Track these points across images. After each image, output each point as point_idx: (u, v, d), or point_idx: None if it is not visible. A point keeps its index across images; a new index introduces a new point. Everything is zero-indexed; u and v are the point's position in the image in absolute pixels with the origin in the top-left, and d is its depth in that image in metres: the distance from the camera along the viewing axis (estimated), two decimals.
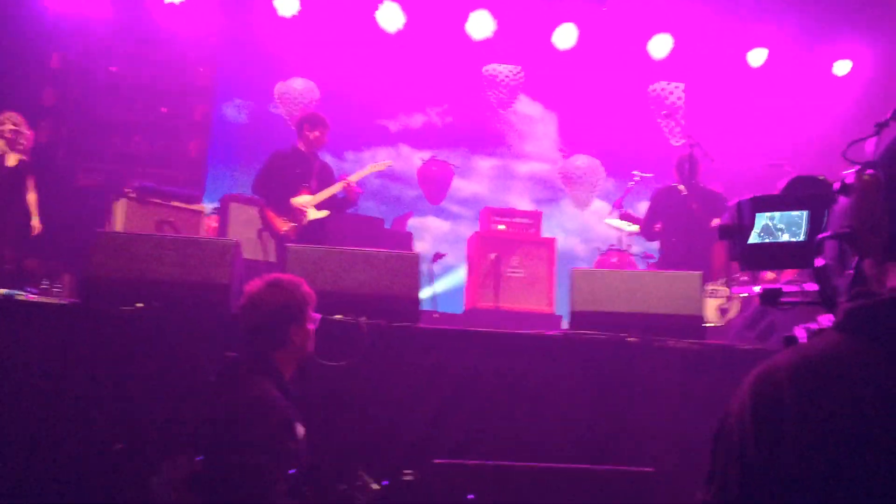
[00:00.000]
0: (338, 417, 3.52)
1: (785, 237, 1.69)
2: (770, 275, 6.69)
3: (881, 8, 9.13)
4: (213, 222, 7.43)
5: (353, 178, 6.67)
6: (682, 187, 6.78)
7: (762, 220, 1.69)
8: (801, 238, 1.67)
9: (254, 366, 2.85)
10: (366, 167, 7.01)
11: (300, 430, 2.79)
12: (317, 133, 6.59)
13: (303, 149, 6.60)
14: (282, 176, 6.46)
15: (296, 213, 6.39)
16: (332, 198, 6.49)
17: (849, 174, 1.20)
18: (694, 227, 6.68)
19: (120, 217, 6.15)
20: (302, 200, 6.43)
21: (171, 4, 8.57)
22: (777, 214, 1.69)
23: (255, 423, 2.62)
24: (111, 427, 3.37)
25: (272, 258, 6.57)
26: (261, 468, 2.54)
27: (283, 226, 6.31)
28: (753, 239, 1.68)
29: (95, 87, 8.72)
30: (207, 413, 2.75)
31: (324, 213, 6.40)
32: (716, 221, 6.30)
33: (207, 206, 7.34)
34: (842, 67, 9.33)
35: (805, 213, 1.67)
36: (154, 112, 8.88)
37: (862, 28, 8.97)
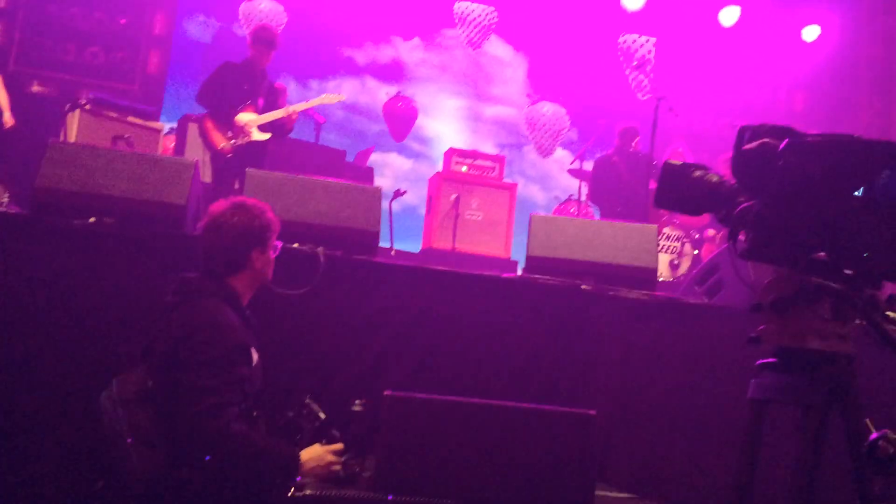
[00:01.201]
0: (290, 345, 3.53)
1: None
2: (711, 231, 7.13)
3: None
4: (170, 143, 7.26)
5: (298, 107, 6.40)
6: (616, 157, 7.34)
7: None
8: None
9: (211, 288, 2.83)
10: (315, 98, 6.70)
11: (255, 355, 2.79)
12: (261, 49, 6.32)
13: (254, 63, 6.33)
14: (229, 89, 6.16)
15: (237, 130, 6.12)
16: (274, 121, 6.23)
17: None
18: (625, 192, 7.38)
19: (73, 129, 5.95)
20: (246, 118, 6.14)
21: None
22: None
23: (211, 345, 2.61)
24: (61, 342, 3.32)
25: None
26: (213, 390, 2.54)
27: (221, 141, 6.04)
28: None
29: None
30: (161, 332, 2.73)
31: (265, 136, 6.15)
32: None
33: (165, 125, 7.14)
34: (810, 33, 9.40)
35: None
36: (113, 22, 8.53)
37: None
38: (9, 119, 6.57)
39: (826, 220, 1.85)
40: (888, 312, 1.89)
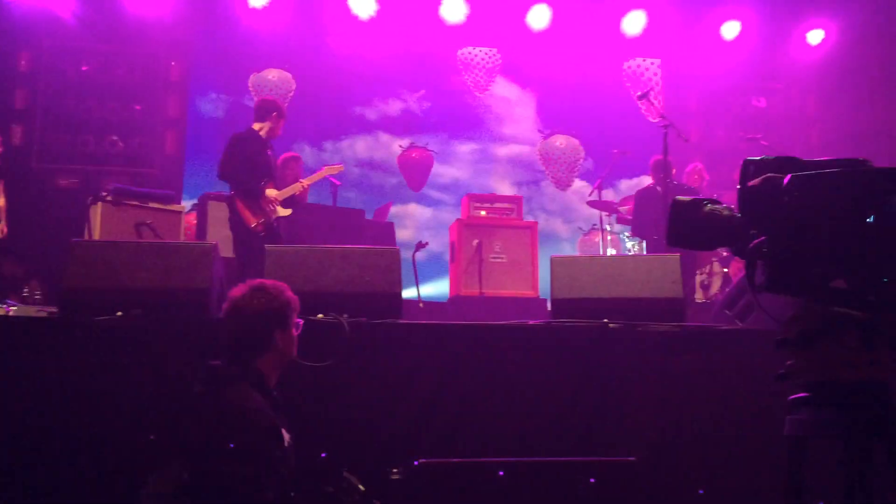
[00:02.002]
0: (322, 419, 3.53)
1: None
2: None
3: None
4: (192, 220, 7.40)
5: (307, 182, 6.67)
6: (658, 188, 7.14)
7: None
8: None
9: (238, 373, 2.85)
10: (321, 170, 6.97)
11: (286, 436, 2.80)
12: (282, 123, 6.49)
13: (262, 135, 6.43)
14: (248, 163, 6.25)
15: (267, 209, 6.24)
16: (292, 195, 6.46)
17: None
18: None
19: (97, 221, 6.10)
20: (272, 195, 6.28)
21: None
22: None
23: (242, 433, 2.62)
24: (95, 441, 3.36)
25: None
26: (249, 478, 2.55)
27: (253, 220, 6.13)
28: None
29: (67, 87, 8.61)
30: (193, 424, 2.75)
31: (288, 212, 6.33)
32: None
33: (186, 204, 7.30)
34: (814, 37, 9.36)
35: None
36: (128, 110, 8.79)
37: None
38: (3, 229, 6.35)
39: (840, 250, 1.83)
40: None
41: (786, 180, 1.87)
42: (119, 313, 3.67)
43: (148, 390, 3.46)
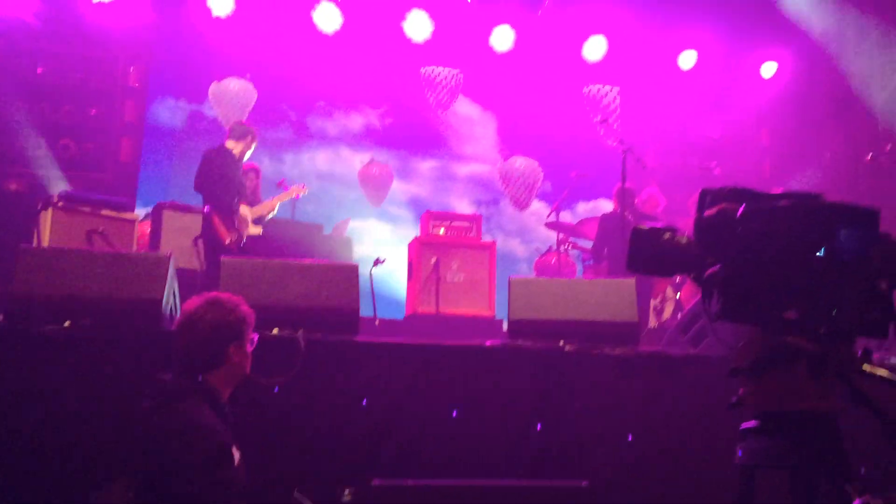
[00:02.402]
0: (275, 437, 3.48)
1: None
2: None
3: (800, 12, 9.45)
4: (146, 228, 7.25)
5: (277, 202, 7.01)
6: (621, 214, 7.24)
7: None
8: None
9: (189, 388, 2.79)
10: (289, 190, 7.28)
11: (237, 454, 2.74)
12: (253, 146, 6.65)
13: (236, 155, 6.51)
14: (224, 180, 6.38)
15: (241, 225, 6.41)
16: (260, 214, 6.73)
17: None
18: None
19: (47, 227, 5.93)
20: (244, 212, 6.48)
21: (101, 3, 8.30)
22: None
23: (191, 450, 2.56)
24: (37, 456, 3.25)
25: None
26: (197, 497, 2.49)
27: (227, 237, 6.24)
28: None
29: (21, 89, 8.39)
30: (141, 439, 2.68)
31: (259, 230, 6.49)
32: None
33: (140, 213, 7.15)
34: (768, 69, 9.63)
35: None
36: (83, 114, 8.60)
37: (784, 33, 9.27)
38: None
39: (792, 281, 1.87)
40: (864, 366, 1.90)
41: (739, 211, 1.91)
42: (67, 323, 3.58)
43: (94, 404, 3.37)
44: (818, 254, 1.84)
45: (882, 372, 1.91)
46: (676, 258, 2.11)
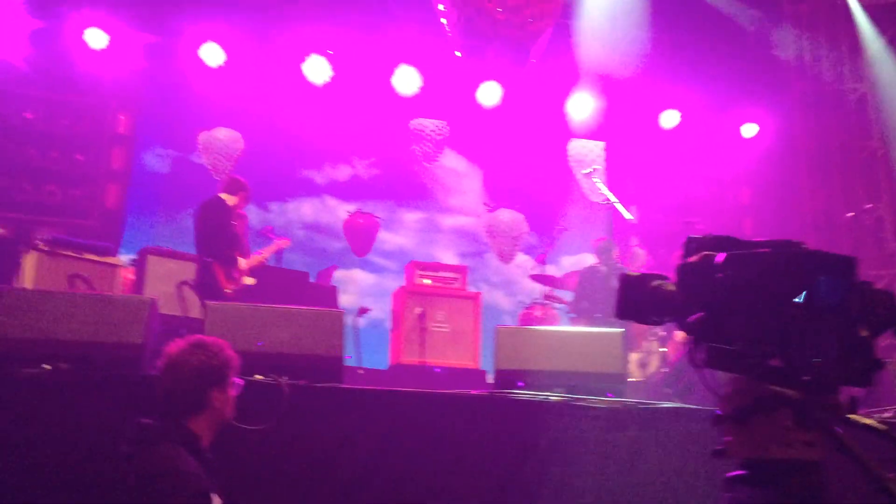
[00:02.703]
0: (256, 484, 3.40)
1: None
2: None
3: (780, 75, 9.74)
4: (130, 275, 7.19)
5: (266, 253, 7.15)
6: (603, 268, 7.26)
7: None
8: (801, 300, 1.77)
9: (169, 432, 2.73)
10: (274, 244, 7.42)
11: (218, 501, 2.67)
12: (247, 201, 6.84)
13: (229, 205, 6.64)
14: (224, 231, 6.55)
15: (239, 276, 6.52)
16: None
17: None
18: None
19: (30, 270, 5.87)
20: (242, 264, 6.60)
21: (93, 51, 8.38)
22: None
23: (169, 496, 2.50)
24: (15, 498, 3.15)
25: (192, 314, 6.42)
26: None
27: (228, 287, 6.33)
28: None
29: (8, 133, 8.40)
30: (118, 485, 2.61)
31: (253, 281, 6.60)
32: None
33: (124, 259, 7.10)
34: (749, 130, 9.84)
35: None
36: (70, 160, 8.60)
37: (765, 94, 9.51)
38: None
39: (772, 328, 1.87)
40: (850, 416, 1.89)
41: (719, 258, 1.92)
42: (46, 366, 3.51)
43: (72, 448, 3.28)
44: (796, 300, 1.85)
45: (868, 421, 1.91)
46: (663, 306, 2.12)
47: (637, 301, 2.15)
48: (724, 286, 1.87)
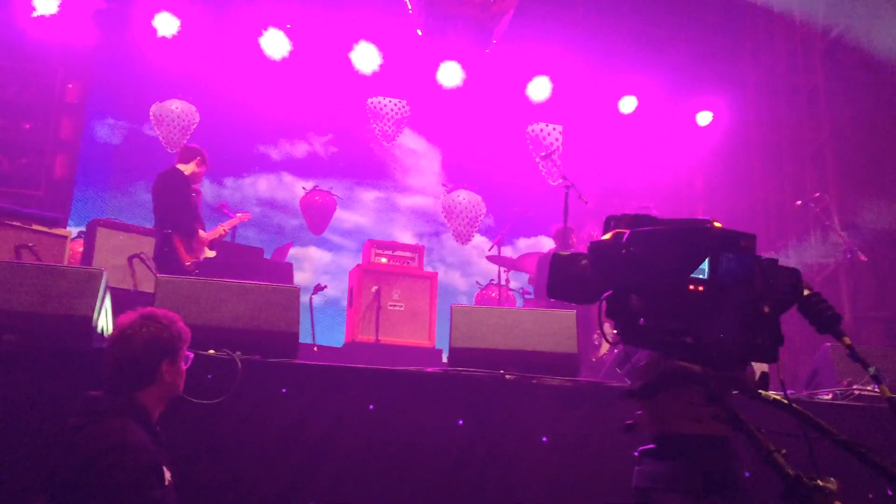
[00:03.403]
0: (207, 458, 3.37)
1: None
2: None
3: (736, 65, 9.90)
4: (78, 247, 7.03)
5: (226, 226, 7.07)
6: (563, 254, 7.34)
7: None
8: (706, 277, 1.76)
9: (119, 405, 2.69)
10: (234, 218, 7.39)
11: (168, 475, 2.65)
12: (204, 168, 6.71)
13: (187, 176, 6.54)
14: (182, 202, 6.46)
15: (199, 248, 6.47)
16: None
17: None
18: None
19: None
20: (203, 236, 6.56)
21: (42, 17, 8.10)
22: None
23: (119, 469, 2.46)
24: None
25: (143, 288, 6.32)
26: None
27: (188, 259, 6.27)
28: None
29: None
30: (65, 458, 2.56)
31: (213, 254, 6.54)
32: None
33: (73, 230, 6.93)
34: (704, 118, 10.00)
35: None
36: (17, 128, 8.33)
37: (720, 83, 9.67)
38: None
39: (678, 306, 1.86)
40: (760, 391, 1.90)
41: (626, 235, 1.90)
42: None
43: (19, 421, 3.21)
44: (696, 276, 1.83)
45: (776, 396, 1.94)
46: (588, 284, 2.10)
47: (566, 280, 2.13)
48: (628, 262, 1.86)
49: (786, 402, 1.85)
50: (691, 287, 1.76)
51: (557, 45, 9.44)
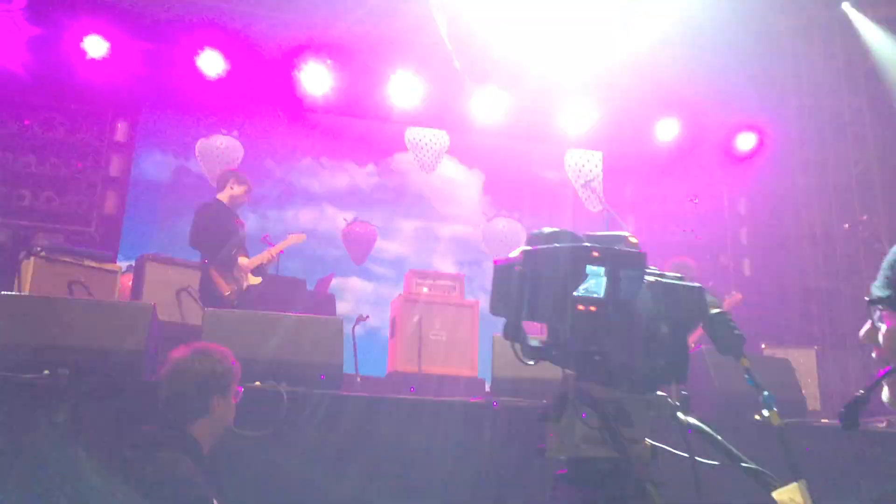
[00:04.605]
0: (254, 489, 3.41)
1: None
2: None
3: (776, 88, 9.79)
4: (128, 281, 7.20)
5: (275, 250, 6.94)
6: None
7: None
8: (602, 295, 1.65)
9: (171, 438, 2.75)
10: (286, 238, 7.27)
11: None
12: (243, 189, 6.69)
13: (227, 204, 6.63)
14: (219, 231, 6.48)
15: (240, 277, 6.47)
16: (261, 264, 6.63)
17: None
18: None
19: (28, 277, 5.86)
20: (243, 264, 6.52)
21: (93, 60, 8.40)
22: (592, 268, 1.66)
23: (170, 502, 2.51)
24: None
25: (191, 321, 6.42)
26: None
27: (227, 289, 6.28)
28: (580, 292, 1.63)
29: (7, 140, 8.42)
30: (120, 489, 2.62)
31: (258, 280, 6.52)
32: None
33: (122, 265, 7.10)
34: (746, 141, 9.88)
35: (604, 269, 1.66)
36: (69, 167, 8.62)
37: (761, 106, 9.57)
38: None
39: (573, 325, 1.78)
40: (679, 413, 1.81)
41: (519, 255, 1.83)
42: (46, 372, 3.52)
43: (74, 453, 3.29)
44: (586, 296, 1.75)
45: (693, 421, 1.85)
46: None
47: (507, 296, 2.03)
48: (519, 282, 1.79)
49: (706, 429, 1.78)
50: (580, 307, 1.71)
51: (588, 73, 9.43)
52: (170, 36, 8.65)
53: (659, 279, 1.71)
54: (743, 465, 1.77)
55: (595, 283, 1.65)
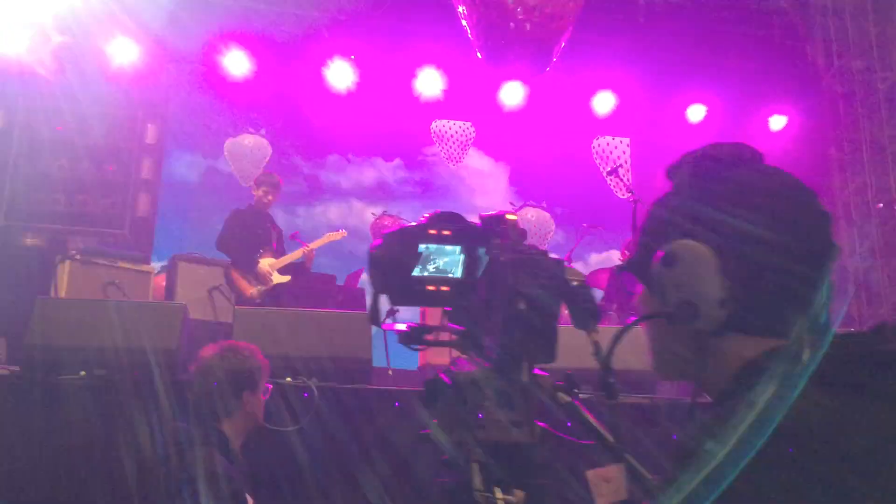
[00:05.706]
0: (288, 485, 3.45)
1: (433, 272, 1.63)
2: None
3: (808, 68, 9.61)
4: (161, 281, 7.32)
5: (313, 246, 6.98)
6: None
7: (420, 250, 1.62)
8: (458, 275, 1.63)
9: (203, 435, 2.79)
10: (323, 236, 7.32)
11: (250, 502, 2.73)
12: (263, 191, 6.76)
13: (258, 207, 6.74)
14: (244, 235, 6.59)
15: (263, 277, 6.55)
16: (292, 262, 6.67)
17: (677, 245, 1.19)
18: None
19: (64, 279, 6.00)
20: (266, 264, 6.60)
21: (122, 66, 8.54)
22: (433, 247, 1.64)
23: (204, 499, 2.55)
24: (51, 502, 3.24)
25: (223, 318, 6.52)
26: None
27: (250, 289, 6.37)
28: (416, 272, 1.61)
29: (40, 146, 8.58)
30: (153, 488, 2.67)
31: (286, 279, 6.59)
32: None
33: (156, 266, 7.23)
34: (777, 122, 9.72)
35: (459, 248, 1.64)
36: (101, 170, 8.76)
37: (792, 85, 9.39)
38: None
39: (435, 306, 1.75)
40: (559, 394, 1.75)
41: (379, 239, 1.78)
42: (83, 373, 3.60)
43: (109, 452, 3.36)
44: (437, 276, 1.70)
45: (567, 400, 1.78)
46: None
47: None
48: (373, 263, 1.73)
49: (575, 405, 1.72)
50: (430, 288, 1.68)
51: (619, 58, 9.35)
52: (198, 37, 8.75)
53: (520, 255, 1.62)
54: (608, 444, 1.70)
55: (449, 261, 1.63)
